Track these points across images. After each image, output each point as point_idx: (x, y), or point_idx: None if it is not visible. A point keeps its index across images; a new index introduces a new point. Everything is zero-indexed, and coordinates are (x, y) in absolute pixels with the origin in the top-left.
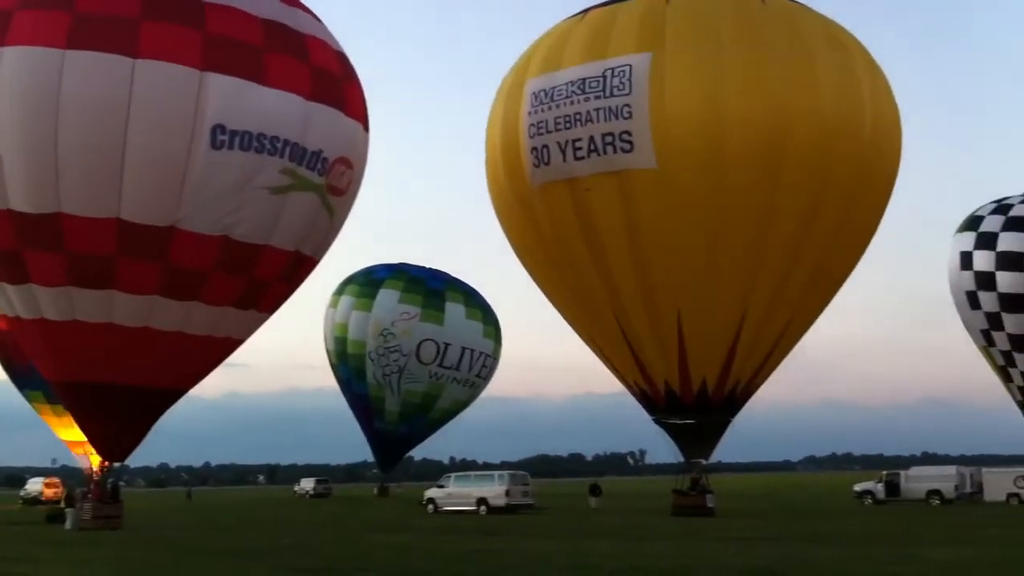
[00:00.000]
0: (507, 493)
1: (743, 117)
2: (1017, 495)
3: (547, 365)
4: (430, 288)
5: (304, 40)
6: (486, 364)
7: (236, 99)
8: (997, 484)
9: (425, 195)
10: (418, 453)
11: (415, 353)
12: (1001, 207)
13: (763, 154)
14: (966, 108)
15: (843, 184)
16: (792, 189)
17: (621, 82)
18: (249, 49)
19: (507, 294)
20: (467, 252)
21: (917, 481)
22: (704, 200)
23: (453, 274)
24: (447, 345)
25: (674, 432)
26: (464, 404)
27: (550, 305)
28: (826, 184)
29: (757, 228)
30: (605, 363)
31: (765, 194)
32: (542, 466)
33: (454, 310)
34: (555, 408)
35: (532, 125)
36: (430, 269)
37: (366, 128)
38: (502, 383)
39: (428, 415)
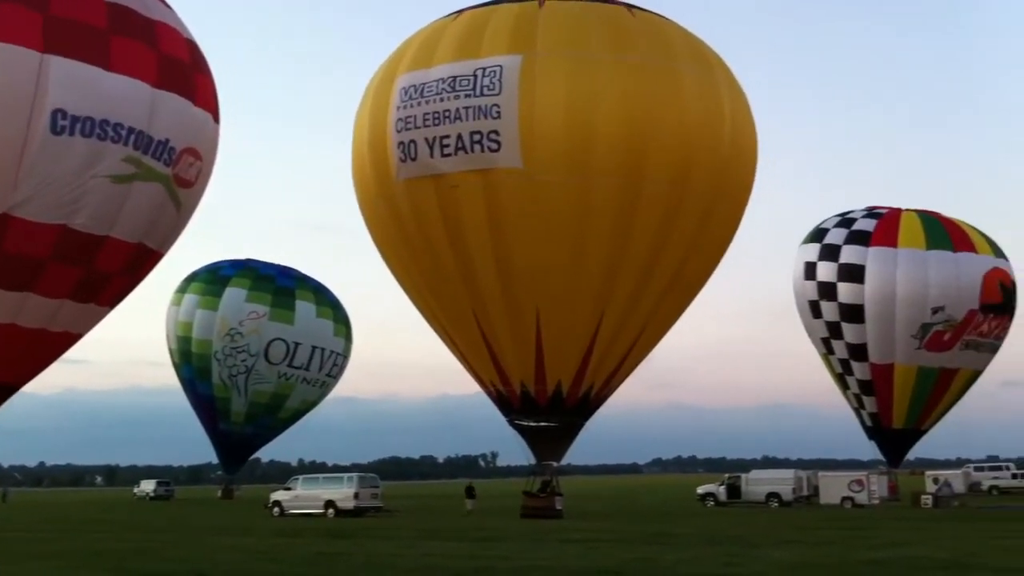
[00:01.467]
0: (356, 496)
1: (608, 124)
2: (851, 498)
3: (401, 366)
4: (279, 286)
5: (153, 26)
6: (337, 363)
7: (78, 83)
8: (833, 487)
9: (282, 191)
10: (266, 455)
11: (264, 353)
12: (845, 220)
13: (626, 161)
14: (818, 125)
15: (702, 195)
16: (652, 197)
17: (491, 82)
18: (93, 32)
19: (362, 293)
20: (320, 249)
21: (757, 484)
22: (567, 203)
23: (305, 272)
24: (297, 344)
25: (528, 434)
26: (313, 404)
27: (405, 305)
28: (685, 194)
29: (617, 233)
30: (463, 363)
31: (627, 200)
32: (394, 468)
33: (304, 308)
34: (408, 409)
35: (400, 120)
36: (279, 266)
37: (216, 119)
38: (354, 384)
39: (276, 415)
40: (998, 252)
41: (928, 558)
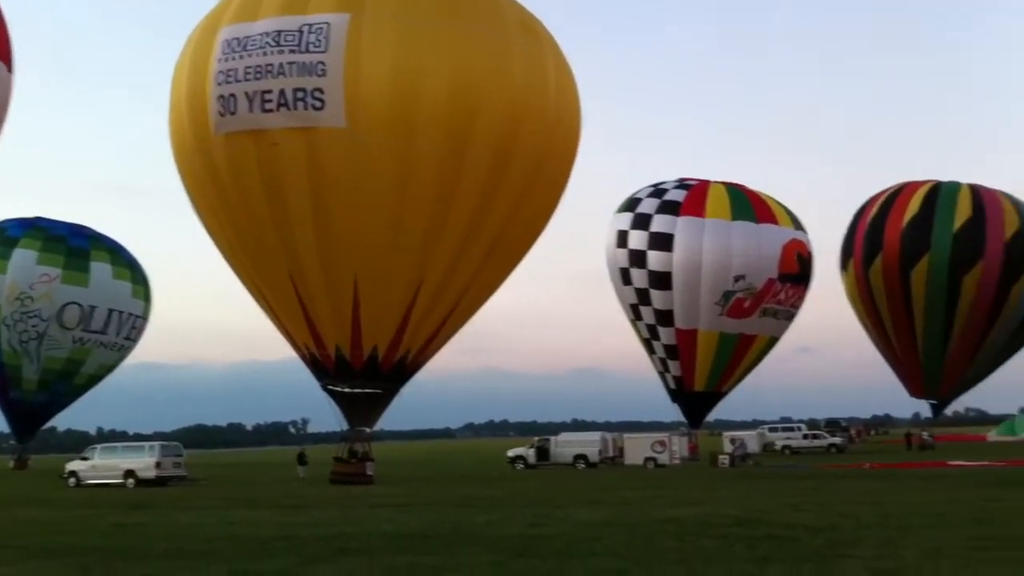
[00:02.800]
0: (158, 465)
1: (435, 88)
2: (654, 459)
3: (207, 331)
4: (72, 246)
5: None
6: (135, 325)
7: None
8: (637, 448)
9: (86, 149)
10: (62, 423)
11: (56, 317)
12: (657, 191)
13: (451, 127)
14: (639, 102)
15: (525, 164)
16: (476, 164)
17: (318, 39)
18: None
19: (165, 254)
20: (121, 209)
21: (565, 446)
22: (390, 165)
23: (104, 232)
24: (93, 308)
25: (341, 400)
26: (111, 368)
27: (211, 268)
28: (509, 162)
29: (440, 198)
30: (277, 326)
31: (450, 166)
32: (199, 436)
33: (100, 269)
34: (214, 376)
35: (221, 72)
36: (71, 224)
37: (9, 68)
38: (157, 349)
39: (71, 382)
40: (798, 224)
41: (722, 515)
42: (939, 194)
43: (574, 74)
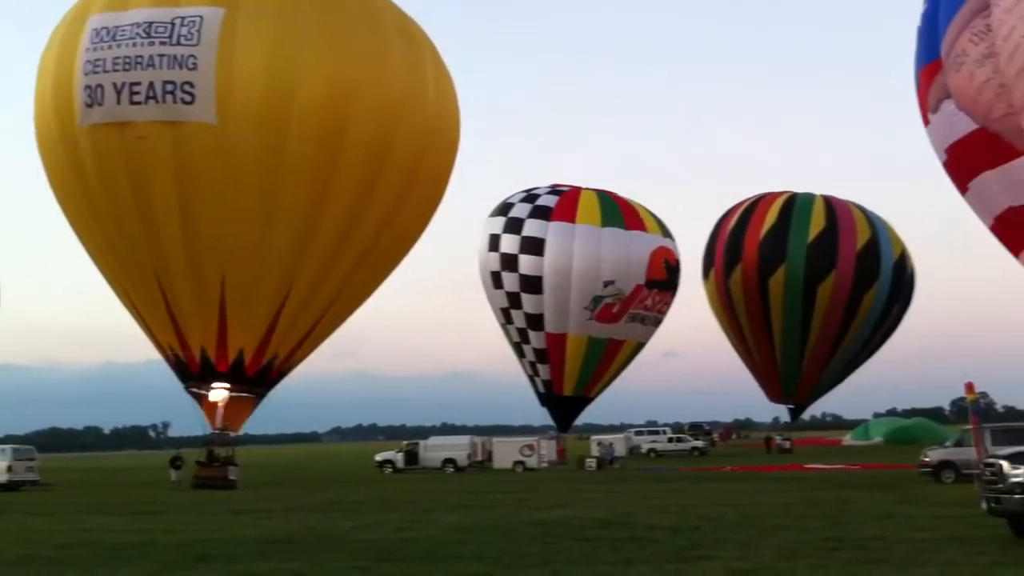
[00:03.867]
0: (9, 469)
1: (309, 89)
2: (522, 462)
3: (61, 332)
4: None
5: None
6: None
7: None
8: (505, 452)
9: None
10: None
11: None
12: (530, 196)
13: (324, 129)
14: (515, 105)
15: (400, 171)
16: (349, 168)
17: (190, 32)
18: None
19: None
20: None
21: (434, 450)
22: (261, 165)
23: None
24: None
25: (205, 402)
26: None
27: (68, 267)
28: (383, 168)
29: (311, 201)
30: (140, 324)
31: (323, 169)
32: (54, 440)
33: None
34: (70, 378)
35: (88, 63)
36: None
37: None
38: (8, 351)
39: None
40: (666, 232)
41: (587, 518)
42: (794, 205)
43: (454, 81)
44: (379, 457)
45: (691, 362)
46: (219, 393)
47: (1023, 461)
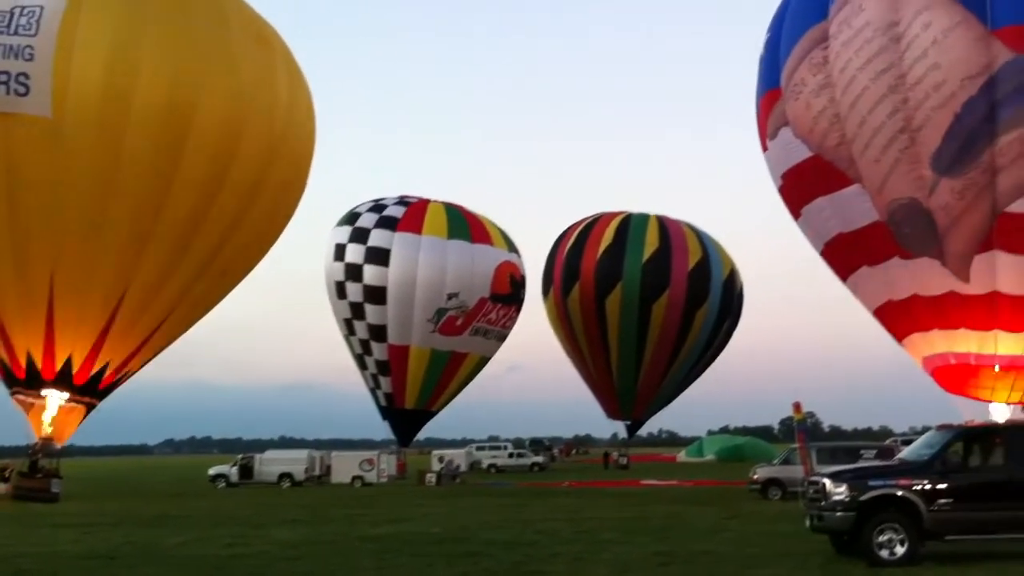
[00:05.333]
0: None
1: (150, 89)
2: (361, 477)
3: None
4: None
5: None
6: None
7: None
8: (344, 467)
9: None
10: None
11: None
12: (377, 206)
13: (165, 132)
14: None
15: (244, 181)
16: (190, 175)
17: (29, 22)
18: None
19: None
20: None
21: (270, 464)
22: (96, 164)
23: None
24: None
25: (32, 411)
26: None
27: None
28: (226, 178)
29: (148, 206)
30: None
31: (161, 174)
32: None
33: None
34: None
35: None
36: None
37: None
38: None
39: None
40: (512, 247)
41: (424, 533)
42: (630, 226)
43: (309, 85)
44: (212, 471)
45: (535, 377)
46: (47, 401)
47: (845, 479)
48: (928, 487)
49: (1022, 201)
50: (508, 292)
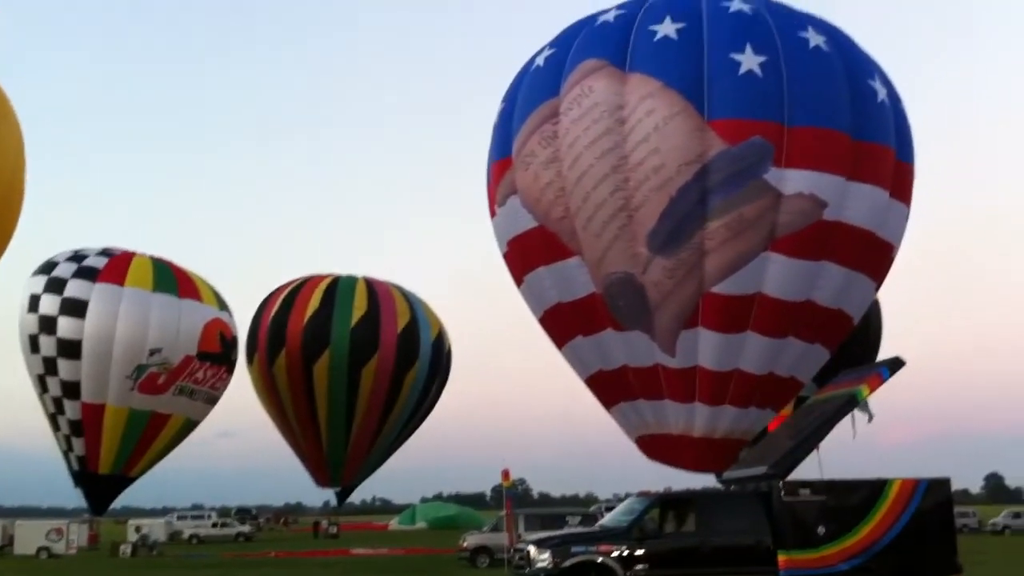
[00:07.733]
0: None
1: None
2: (48, 548)
3: None
4: None
5: None
6: None
7: None
8: (29, 537)
9: None
10: None
11: None
12: (77, 256)
13: None
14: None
15: None
16: None
17: None
18: None
19: None
20: None
21: None
22: None
23: None
24: None
25: None
26: None
27: None
28: None
29: None
30: None
31: None
32: None
33: None
34: None
35: None
36: None
37: None
38: None
39: None
40: (222, 304)
41: None
42: (337, 289)
43: (22, 129)
44: None
45: (247, 443)
46: None
47: (549, 546)
48: (627, 553)
49: (726, 283)
50: (218, 351)
